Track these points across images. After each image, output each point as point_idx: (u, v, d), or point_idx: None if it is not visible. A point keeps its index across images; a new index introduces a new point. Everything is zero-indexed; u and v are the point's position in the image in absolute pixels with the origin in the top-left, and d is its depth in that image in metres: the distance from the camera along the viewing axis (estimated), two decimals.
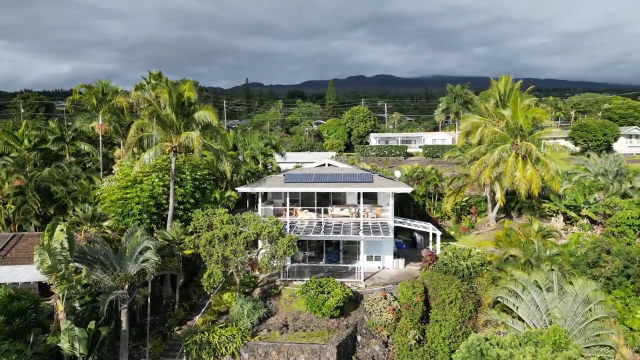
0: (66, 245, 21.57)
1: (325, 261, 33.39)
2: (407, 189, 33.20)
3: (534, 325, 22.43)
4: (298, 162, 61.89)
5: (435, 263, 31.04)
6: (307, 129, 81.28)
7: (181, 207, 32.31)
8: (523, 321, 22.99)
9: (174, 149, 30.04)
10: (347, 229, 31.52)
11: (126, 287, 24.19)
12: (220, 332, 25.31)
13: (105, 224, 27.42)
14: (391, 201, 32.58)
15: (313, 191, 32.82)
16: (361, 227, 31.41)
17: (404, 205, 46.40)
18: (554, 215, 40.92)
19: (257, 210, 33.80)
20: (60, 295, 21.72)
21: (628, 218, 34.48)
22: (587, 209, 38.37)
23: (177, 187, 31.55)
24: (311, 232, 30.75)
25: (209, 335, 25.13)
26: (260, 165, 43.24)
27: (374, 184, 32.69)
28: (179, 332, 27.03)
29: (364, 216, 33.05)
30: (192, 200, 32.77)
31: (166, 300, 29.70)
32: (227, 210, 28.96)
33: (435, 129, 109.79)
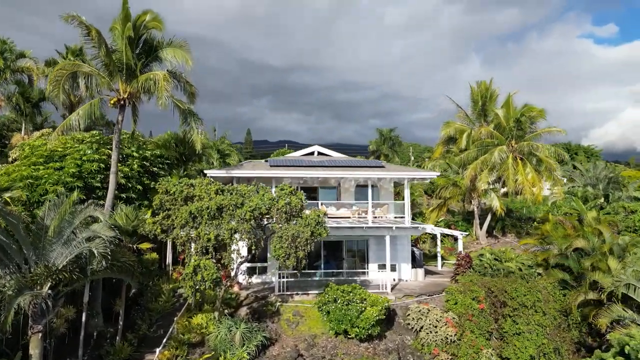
0: None
1: (324, 271, 24.87)
2: (431, 174, 26.33)
3: None
4: None
5: (472, 268, 24.04)
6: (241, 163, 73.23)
7: (123, 195, 22.01)
8: None
9: (122, 101, 20.44)
10: (355, 228, 23.47)
11: (46, 288, 13.75)
12: None
13: (8, 194, 16.49)
14: (407, 192, 25.31)
15: (311, 176, 24.30)
16: (371, 224, 23.51)
17: None
18: None
19: None
20: None
21: None
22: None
23: (119, 164, 21.52)
24: None
25: None
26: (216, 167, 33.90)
27: (387, 169, 25.47)
28: None
29: (371, 214, 25.32)
30: (138, 187, 22.69)
31: (97, 330, 18.75)
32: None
33: None
